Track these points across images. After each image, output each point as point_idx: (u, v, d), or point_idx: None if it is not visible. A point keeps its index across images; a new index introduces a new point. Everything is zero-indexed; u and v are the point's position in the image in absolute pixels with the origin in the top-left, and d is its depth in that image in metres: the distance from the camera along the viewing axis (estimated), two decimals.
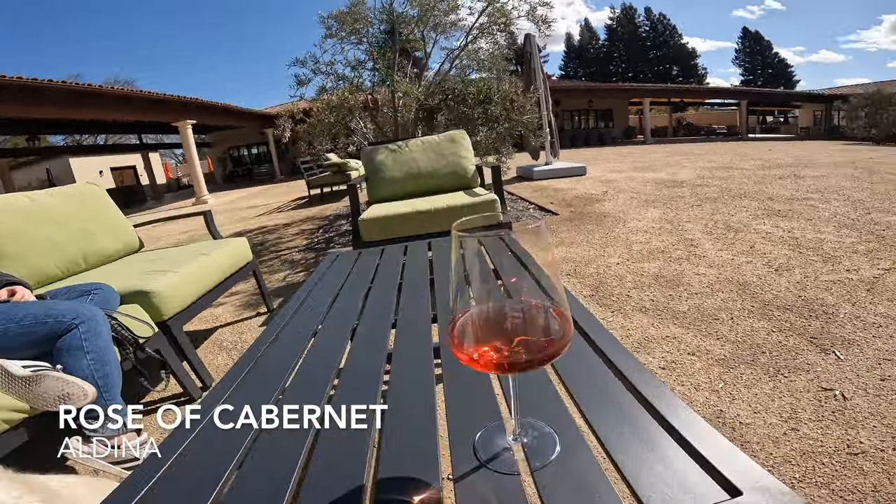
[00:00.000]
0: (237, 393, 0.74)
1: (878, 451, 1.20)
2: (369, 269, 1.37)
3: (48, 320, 1.28)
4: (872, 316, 1.96)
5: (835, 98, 22.93)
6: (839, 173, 6.45)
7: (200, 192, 13.50)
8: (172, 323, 1.76)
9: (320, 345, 0.90)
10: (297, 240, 5.12)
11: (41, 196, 2.34)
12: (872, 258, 2.69)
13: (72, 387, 1.17)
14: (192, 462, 0.59)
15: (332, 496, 0.49)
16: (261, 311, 2.84)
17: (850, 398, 1.41)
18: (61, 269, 2.16)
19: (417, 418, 0.61)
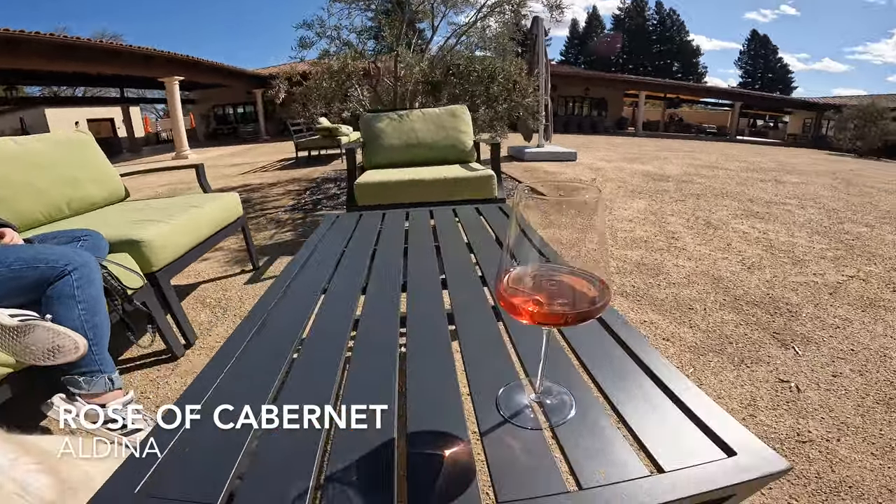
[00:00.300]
0: (245, 356, 0.72)
1: (825, 441, 1.31)
2: (372, 231, 1.39)
3: (39, 265, 1.22)
4: (832, 318, 2.09)
5: (828, 107, 23.01)
6: (818, 182, 6.65)
7: (181, 147, 13.07)
8: (161, 275, 1.74)
9: (331, 304, 0.90)
10: (284, 200, 5.07)
11: (28, 141, 2.26)
12: (839, 265, 2.83)
13: (63, 339, 1.13)
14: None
15: (364, 450, 0.51)
16: (245, 269, 2.84)
17: (803, 391, 1.52)
18: (44, 215, 2.11)
19: (439, 378, 0.64)
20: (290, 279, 1.02)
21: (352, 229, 1.41)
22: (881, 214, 4.53)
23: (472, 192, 2.54)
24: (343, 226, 1.47)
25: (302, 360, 0.72)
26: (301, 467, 0.49)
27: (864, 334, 1.98)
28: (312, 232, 3.46)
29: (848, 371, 1.68)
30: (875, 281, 2.62)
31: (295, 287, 0.99)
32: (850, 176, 7.94)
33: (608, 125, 25.32)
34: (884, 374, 1.68)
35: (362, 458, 0.50)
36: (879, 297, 2.40)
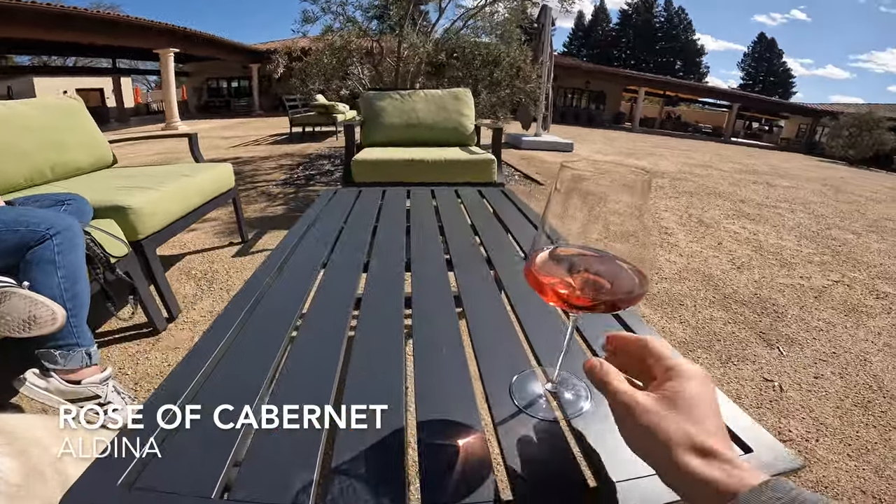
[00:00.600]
0: (241, 334, 0.68)
1: (804, 440, 1.33)
2: (372, 207, 1.35)
3: (20, 228, 1.16)
4: (816, 320, 2.11)
5: (825, 114, 23.09)
6: (809, 188, 6.72)
7: (171, 118, 12.73)
8: (147, 244, 1.70)
9: (331, 280, 0.86)
10: (276, 174, 4.99)
11: (16, 104, 2.19)
12: (825, 270, 2.87)
13: (40, 308, 1.07)
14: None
15: (377, 437, 0.48)
16: (234, 241, 2.79)
17: (786, 390, 1.54)
18: (26, 179, 2.04)
19: (449, 363, 0.61)
20: (288, 252, 0.99)
21: (351, 205, 1.38)
22: (868, 223, 4.59)
23: (471, 176, 2.51)
24: (342, 201, 1.43)
25: (301, 341, 0.68)
26: (304, 457, 0.46)
27: (846, 338, 2.01)
28: (304, 206, 3.44)
29: (829, 373, 1.70)
30: (859, 287, 2.66)
31: (293, 261, 0.95)
32: (839, 183, 8.05)
33: (606, 119, 25.30)
34: (863, 378, 1.71)
35: (369, 448, 0.47)
36: (862, 302, 2.44)
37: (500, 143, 2.70)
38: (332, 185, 4.29)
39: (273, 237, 2.87)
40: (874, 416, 1.52)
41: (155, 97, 27.25)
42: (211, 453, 0.45)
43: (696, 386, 0.33)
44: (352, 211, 1.32)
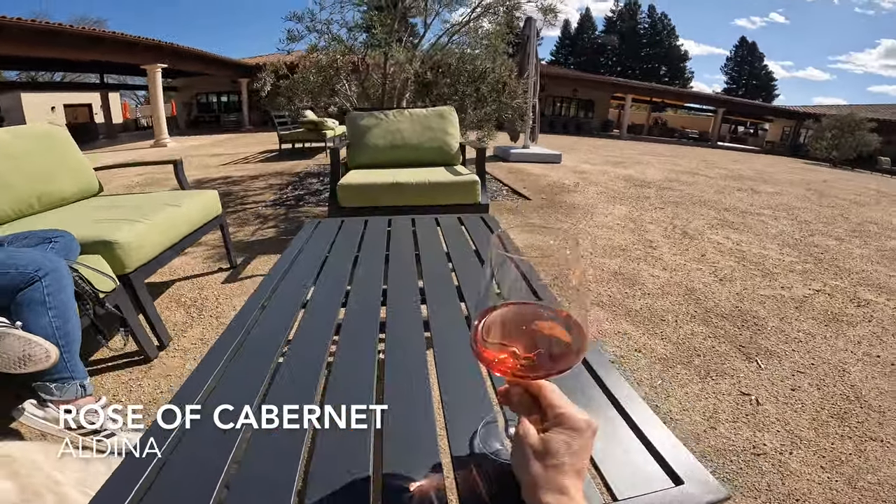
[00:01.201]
0: (230, 363, 0.76)
1: (778, 453, 1.37)
2: (354, 238, 1.41)
3: (9, 271, 1.21)
4: (796, 332, 2.17)
5: (807, 116, 23.33)
6: (793, 192, 6.84)
7: (160, 135, 12.71)
8: (135, 276, 1.72)
9: (315, 308, 0.94)
10: (266, 194, 5.01)
11: (0, 133, 2.22)
12: (806, 278, 2.93)
13: (34, 347, 1.12)
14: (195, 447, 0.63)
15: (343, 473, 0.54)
16: (223, 267, 2.81)
17: (762, 404, 1.59)
18: (14, 210, 2.06)
19: (415, 403, 0.66)
20: (276, 283, 1.06)
21: (334, 235, 1.43)
22: (851, 227, 4.69)
23: (456, 197, 2.56)
24: (325, 231, 1.48)
25: (285, 367, 0.76)
26: (285, 476, 0.53)
27: (825, 349, 2.06)
28: (295, 229, 3.46)
29: (806, 385, 1.75)
30: (840, 296, 2.72)
31: (280, 292, 1.03)
32: (823, 187, 8.19)
33: (594, 126, 25.60)
34: (840, 389, 1.76)
35: (339, 480, 0.53)
36: (843, 311, 2.50)
37: (484, 163, 2.75)
38: (321, 206, 4.32)
39: (262, 262, 2.89)
40: (850, 427, 1.56)
41: (144, 112, 27.20)
42: (204, 476, 0.53)
43: (570, 438, 0.40)
44: (335, 242, 1.36)
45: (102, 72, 18.22)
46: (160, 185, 5.38)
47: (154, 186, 5.35)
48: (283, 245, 3.16)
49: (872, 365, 1.98)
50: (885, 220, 5.30)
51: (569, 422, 0.41)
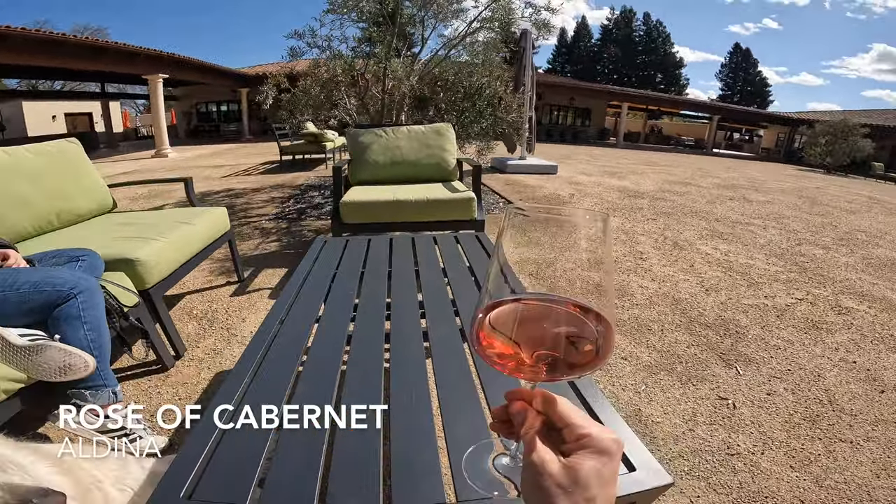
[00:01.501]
0: (257, 381, 0.89)
1: (750, 454, 1.49)
2: (358, 257, 1.54)
3: (46, 289, 1.31)
4: (775, 339, 2.29)
5: (801, 122, 23.50)
6: (784, 201, 6.99)
7: (161, 145, 12.88)
8: (154, 291, 1.84)
9: (327, 326, 1.07)
10: (268, 207, 5.14)
11: (19, 151, 2.31)
12: (790, 287, 3.06)
13: (74, 358, 1.23)
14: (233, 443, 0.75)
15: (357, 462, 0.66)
16: (231, 280, 2.93)
17: (739, 407, 1.71)
18: (34, 227, 2.17)
19: (416, 430, 0.77)
20: (292, 299, 1.20)
21: (340, 254, 1.56)
22: (839, 236, 4.82)
23: (453, 214, 2.69)
24: (332, 251, 1.61)
25: (305, 373, 0.89)
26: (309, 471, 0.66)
27: (802, 355, 2.18)
28: (298, 243, 3.58)
29: (781, 390, 1.87)
30: (822, 304, 2.85)
31: (296, 307, 1.16)
32: (815, 194, 8.34)
33: (591, 135, 25.88)
34: (814, 393, 1.88)
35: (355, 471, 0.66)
36: (823, 319, 2.63)
37: (480, 179, 2.89)
38: (322, 220, 4.45)
39: (268, 276, 3.01)
40: (821, 429, 1.68)
41: (144, 121, 27.39)
42: (243, 467, 0.67)
43: (601, 464, 0.34)
44: (341, 260, 1.50)
45: (103, 81, 18.41)
46: (164, 198, 5.50)
47: (158, 199, 5.47)
48: (287, 259, 3.29)
49: (848, 370, 2.10)
50: (874, 228, 5.43)
51: (596, 443, 0.34)
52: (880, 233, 5.20)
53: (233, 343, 2.17)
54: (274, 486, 0.64)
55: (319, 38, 5.55)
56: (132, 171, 9.17)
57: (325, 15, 5.43)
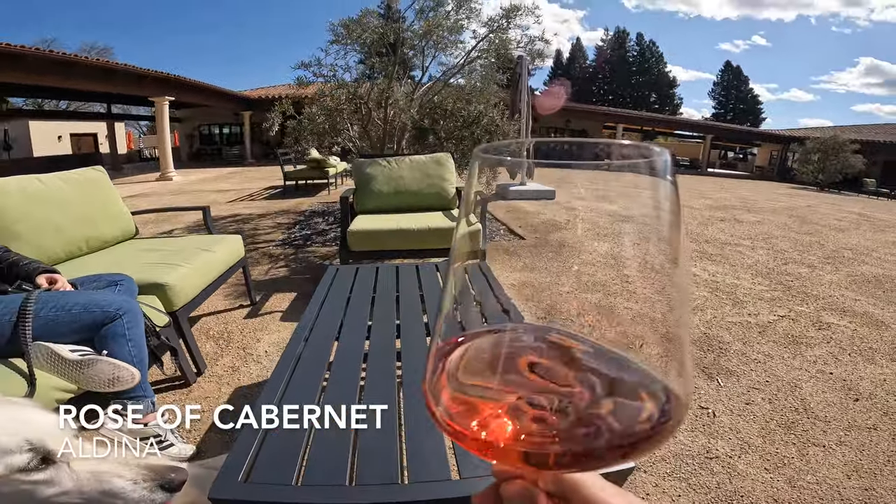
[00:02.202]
0: (290, 389, 1.06)
1: (727, 457, 1.64)
2: (368, 285, 1.72)
3: (95, 310, 1.48)
4: (756, 353, 2.45)
5: (793, 139, 23.58)
6: (774, 220, 7.19)
7: (166, 168, 13.16)
8: (181, 313, 2.02)
9: (345, 345, 1.25)
10: (275, 233, 5.33)
11: (51, 179, 2.48)
12: (773, 305, 3.23)
13: (122, 371, 1.40)
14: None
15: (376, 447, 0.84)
16: (244, 304, 3.09)
17: (718, 416, 1.86)
18: (64, 252, 2.35)
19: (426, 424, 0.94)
20: (312, 323, 1.37)
21: (351, 282, 1.74)
22: (825, 254, 5.00)
23: None
24: (344, 279, 1.79)
25: (329, 387, 1.06)
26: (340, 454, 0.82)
27: (781, 367, 2.34)
28: (306, 269, 3.75)
29: (759, 399, 2.02)
30: (803, 320, 3.01)
31: (316, 329, 1.34)
32: (806, 213, 8.54)
33: None
34: (791, 402, 2.03)
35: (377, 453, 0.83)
36: (804, 334, 2.79)
37: (486, 210, 3.10)
38: (328, 246, 4.63)
39: (279, 299, 3.18)
40: (795, 434, 1.83)
41: (147, 143, 27.67)
42: (287, 453, 0.84)
43: None
44: (353, 287, 1.68)
45: (110, 102, 18.59)
46: (172, 222, 5.69)
47: (167, 224, 5.67)
48: (295, 284, 3.46)
49: (825, 381, 2.25)
50: (862, 246, 5.59)
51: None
52: (867, 250, 5.37)
53: (249, 361, 2.32)
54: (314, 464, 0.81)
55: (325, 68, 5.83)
56: (138, 194, 9.41)
57: (330, 45, 5.74)
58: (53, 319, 1.45)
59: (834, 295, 3.59)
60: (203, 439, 1.70)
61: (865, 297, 3.59)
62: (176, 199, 8.61)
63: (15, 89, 14.58)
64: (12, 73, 9.24)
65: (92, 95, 16.95)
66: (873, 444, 1.77)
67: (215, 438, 1.69)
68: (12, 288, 1.57)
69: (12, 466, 0.67)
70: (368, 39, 5.56)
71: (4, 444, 0.67)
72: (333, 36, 5.64)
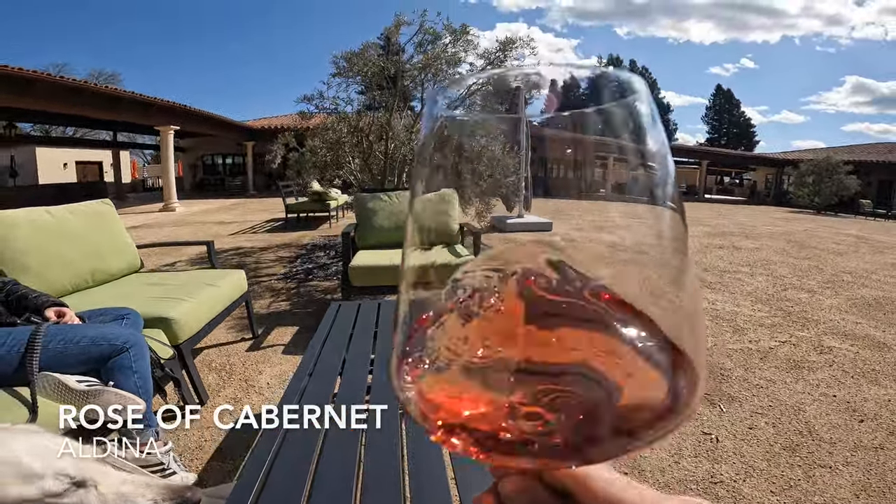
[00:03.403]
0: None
1: (732, 481, 1.63)
2: (370, 320, 1.76)
3: (103, 343, 1.53)
4: (758, 379, 2.45)
5: (786, 163, 23.65)
6: (772, 246, 7.23)
7: (169, 199, 13.25)
8: (184, 346, 2.05)
9: (348, 378, 1.28)
10: (276, 267, 5.36)
11: (60, 212, 2.52)
12: (774, 331, 3.24)
13: (127, 401, 1.43)
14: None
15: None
16: (245, 337, 3.10)
17: (721, 441, 1.86)
18: (71, 285, 2.38)
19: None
20: (317, 355, 1.39)
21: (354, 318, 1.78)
22: (825, 279, 5.02)
23: None
24: (346, 315, 1.83)
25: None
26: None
27: (784, 392, 2.34)
28: (307, 303, 3.76)
29: (763, 423, 2.02)
30: (804, 345, 3.01)
31: (321, 362, 1.35)
32: (803, 237, 8.58)
33: None
34: (795, 425, 2.03)
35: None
36: (805, 359, 2.79)
37: (480, 244, 3.16)
38: (330, 279, 4.65)
39: (281, 333, 3.19)
40: (801, 456, 1.82)
41: (151, 172, 27.83)
42: (292, 486, 0.85)
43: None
44: (356, 322, 1.71)
45: (115, 129, 18.58)
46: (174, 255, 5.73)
47: (169, 256, 5.70)
48: (297, 318, 3.47)
49: (828, 404, 2.24)
50: (861, 269, 5.61)
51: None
52: (866, 272, 5.39)
53: (251, 393, 2.33)
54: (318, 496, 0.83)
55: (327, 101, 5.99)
56: (141, 224, 9.52)
57: (332, 78, 5.91)
58: (62, 351, 1.50)
59: (835, 319, 3.60)
60: (205, 468, 1.71)
61: (867, 320, 3.60)
62: (179, 231, 8.71)
63: (23, 114, 14.61)
64: (22, 99, 9.30)
65: (98, 123, 16.97)
66: (881, 463, 1.76)
67: (216, 467, 1.70)
68: (21, 320, 1.61)
69: (46, 491, 0.70)
70: (370, 72, 5.73)
71: (38, 470, 0.70)
72: (336, 68, 5.81)
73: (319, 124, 6.06)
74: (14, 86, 8.76)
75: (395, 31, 5.92)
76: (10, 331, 1.50)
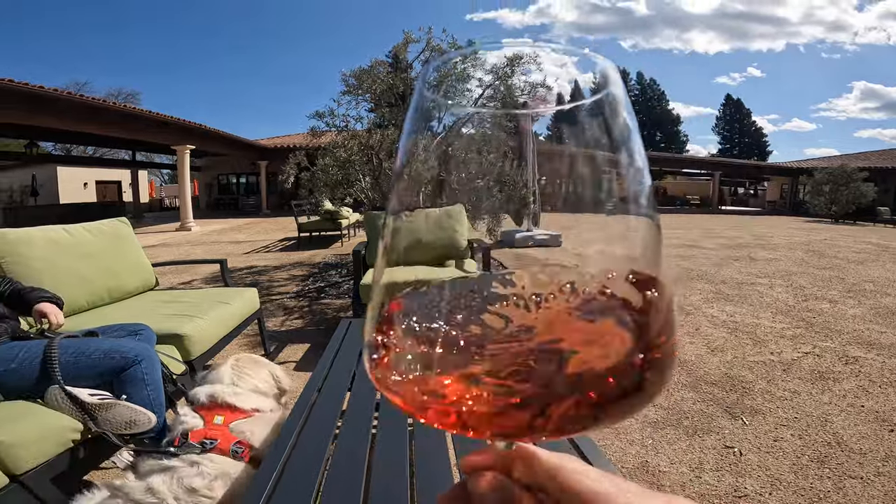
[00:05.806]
0: (302, 436, 1.07)
1: (758, 495, 1.57)
2: None
3: (115, 356, 1.55)
4: (782, 391, 2.37)
5: (801, 171, 23.17)
6: (791, 257, 7.08)
7: (186, 218, 13.43)
8: (196, 362, 2.06)
9: (357, 394, 1.26)
10: (289, 285, 5.39)
11: (77, 230, 2.56)
12: (796, 343, 3.14)
13: (139, 415, 1.44)
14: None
15: None
16: (258, 354, 3.10)
17: (745, 454, 1.79)
18: (88, 302, 2.42)
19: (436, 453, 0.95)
20: (326, 371, 1.38)
21: None
22: (846, 288, 4.88)
23: None
24: (356, 331, 1.82)
25: (342, 435, 1.05)
26: None
27: (809, 403, 2.26)
28: (320, 321, 3.77)
29: (789, 436, 1.95)
30: (829, 356, 2.92)
31: (330, 379, 1.35)
32: (822, 247, 8.39)
33: None
34: (822, 437, 1.95)
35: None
36: (831, 370, 2.69)
37: (489, 260, 3.14)
38: (342, 298, 4.65)
39: (293, 350, 3.20)
40: (830, 468, 1.74)
41: (168, 192, 28.31)
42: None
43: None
44: None
45: (134, 149, 18.80)
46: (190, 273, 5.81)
47: (186, 274, 5.79)
48: (309, 335, 3.48)
49: (857, 414, 2.16)
50: (883, 277, 5.45)
51: None
52: (889, 281, 5.24)
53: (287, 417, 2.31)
54: None
55: (337, 118, 6.08)
56: (158, 244, 9.67)
57: (342, 96, 6.00)
58: (75, 364, 1.52)
59: (859, 328, 3.49)
60: None
61: (892, 328, 3.48)
62: (194, 250, 8.82)
63: (44, 133, 14.90)
64: (42, 117, 9.43)
65: (117, 142, 17.16)
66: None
67: None
68: (34, 333, 1.63)
69: None
70: (378, 89, 5.80)
71: None
72: (346, 86, 5.89)
73: (330, 142, 6.13)
74: (34, 103, 8.87)
75: (404, 48, 6.00)
76: (24, 344, 1.53)
